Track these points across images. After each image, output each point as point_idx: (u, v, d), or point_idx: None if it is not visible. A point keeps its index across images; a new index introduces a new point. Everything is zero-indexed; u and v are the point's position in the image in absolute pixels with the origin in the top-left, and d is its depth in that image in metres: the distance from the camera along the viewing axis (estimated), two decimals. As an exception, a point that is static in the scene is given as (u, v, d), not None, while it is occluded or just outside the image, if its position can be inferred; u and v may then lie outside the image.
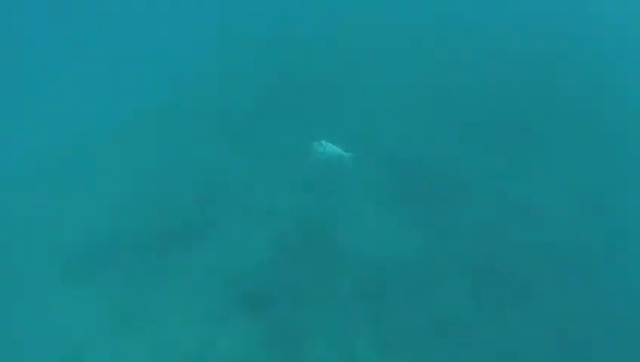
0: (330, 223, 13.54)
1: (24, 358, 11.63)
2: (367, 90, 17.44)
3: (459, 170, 14.83)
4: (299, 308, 11.79)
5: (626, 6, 20.96)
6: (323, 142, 14.99)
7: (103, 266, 13.03)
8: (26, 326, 12.20)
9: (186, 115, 17.36)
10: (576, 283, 12.28)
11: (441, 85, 17.37)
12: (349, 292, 12.12)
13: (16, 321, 12.29)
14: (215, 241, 13.29)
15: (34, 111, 18.29)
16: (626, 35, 19.46)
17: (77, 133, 17.16)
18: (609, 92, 17.52)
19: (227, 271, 12.64)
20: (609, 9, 21.12)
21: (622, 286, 12.27)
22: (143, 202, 14.48)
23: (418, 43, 18.99)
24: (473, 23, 19.87)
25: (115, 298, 12.36)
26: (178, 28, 21.10)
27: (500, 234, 13.22)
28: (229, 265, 12.75)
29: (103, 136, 16.97)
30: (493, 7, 20.99)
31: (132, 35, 20.95)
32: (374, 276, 12.37)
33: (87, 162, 16.12)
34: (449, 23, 20.09)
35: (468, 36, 19.09)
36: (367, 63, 18.51)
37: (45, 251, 13.45)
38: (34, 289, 12.79)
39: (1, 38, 20.65)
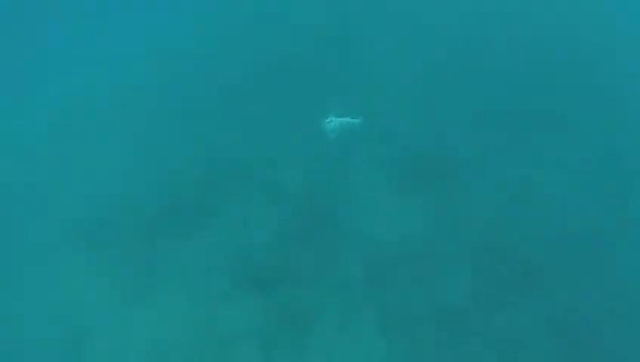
0: (338, 203, 13.53)
1: (35, 326, 11.94)
2: (379, 70, 16.97)
3: (469, 153, 14.70)
4: (304, 288, 11.94)
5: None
6: (332, 118, 14.97)
7: (112, 241, 13.17)
8: (37, 294, 12.48)
9: (193, 92, 17.07)
10: (583, 272, 12.28)
11: (453, 68, 16.98)
12: (355, 274, 12.23)
13: (28, 289, 12.59)
14: (222, 219, 13.33)
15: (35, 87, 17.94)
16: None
17: (85, 109, 16.93)
18: (623, 77, 17.13)
19: (234, 249, 12.72)
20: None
21: (632, 276, 12.23)
22: (152, 179, 14.46)
23: (430, 28, 18.62)
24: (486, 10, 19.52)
25: (123, 272, 12.55)
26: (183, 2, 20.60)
27: (508, 220, 13.19)
28: (235, 243, 12.84)
29: (113, 110, 16.78)
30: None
31: (139, 9, 20.41)
32: (380, 258, 12.42)
33: (99, 136, 16.00)
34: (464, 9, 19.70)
35: (480, 22, 18.74)
36: (379, 46, 17.92)
37: (57, 226, 13.62)
38: (46, 261, 12.99)
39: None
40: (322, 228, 13.01)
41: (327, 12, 19.40)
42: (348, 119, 14.96)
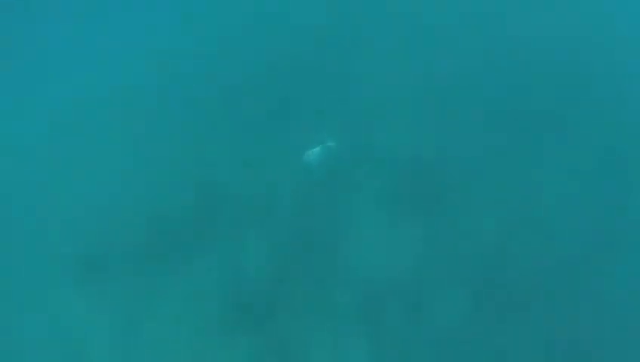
0: (330, 232, 13.33)
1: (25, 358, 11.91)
2: (370, 93, 16.65)
3: (466, 174, 14.42)
4: (295, 321, 11.74)
5: None
6: (323, 145, 14.72)
7: (103, 274, 13.06)
8: (28, 326, 12.39)
9: (185, 116, 16.87)
10: (579, 297, 12.04)
11: (441, 88, 16.67)
12: (348, 304, 12.02)
13: (17, 321, 12.49)
14: (213, 250, 13.16)
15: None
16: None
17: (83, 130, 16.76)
18: (619, 95, 16.93)
19: (225, 281, 12.57)
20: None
21: (625, 300, 11.98)
22: (142, 208, 14.27)
23: (418, 45, 18.32)
24: (479, 25, 19.13)
25: (114, 306, 12.43)
26: (172, 22, 20.21)
27: (501, 245, 12.94)
28: (226, 275, 12.68)
29: (108, 135, 16.53)
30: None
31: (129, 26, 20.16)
32: (373, 288, 12.20)
33: (90, 164, 15.76)
34: (452, 22, 19.27)
35: (469, 39, 18.40)
36: (370, 63, 17.72)
37: (42, 261, 13.53)
38: (37, 294, 12.91)
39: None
40: (315, 259, 12.77)
41: (325, 18, 19.10)
42: (337, 142, 14.74)
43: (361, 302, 12.00)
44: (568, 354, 11.19)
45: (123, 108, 17.15)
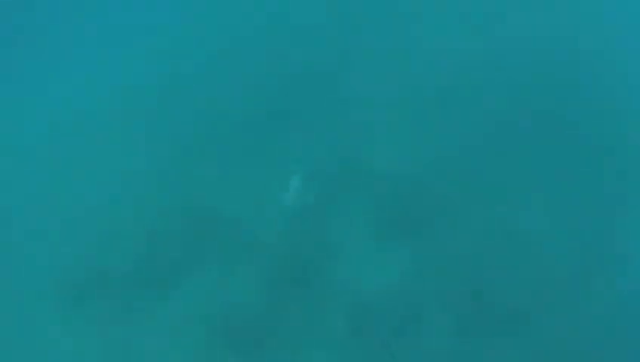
0: (318, 257, 13.30)
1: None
2: (358, 113, 16.58)
3: (446, 192, 14.40)
4: (285, 346, 11.74)
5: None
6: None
7: (90, 302, 12.91)
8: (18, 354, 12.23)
9: (172, 140, 16.53)
10: (565, 316, 12.11)
11: (429, 105, 16.63)
12: (338, 331, 12.04)
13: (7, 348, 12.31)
14: (201, 276, 13.08)
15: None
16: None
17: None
18: (613, 114, 16.39)
19: (211, 309, 12.48)
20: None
21: (610, 318, 12.09)
22: (129, 233, 14.09)
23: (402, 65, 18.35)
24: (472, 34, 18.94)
25: (102, 334, 12.30)
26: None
27: (487, 263, 13.02)
28: (213, 302, 12.59)
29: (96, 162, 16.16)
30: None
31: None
32: (361, 312, 12.25)
33: (79, 189, 15.51)
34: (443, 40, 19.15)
35: (476, 51, 18.17)
36: (358, 83, 17.44)
37: (37, 289, 13.32)
38: (25, 321, 12.76)
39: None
40: (303, 284, 12.73)
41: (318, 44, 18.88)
42: (325, 162, 14.75)
43: (350, 325, 12.03)
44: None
45: (110, 133, 16.84)
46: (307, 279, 12.85)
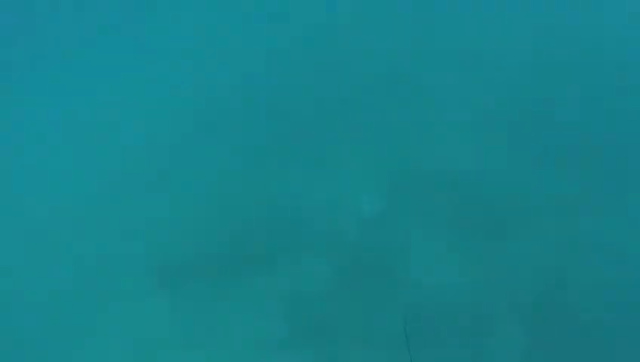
0: (388, 257, 13.84)
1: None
2: (428, 113, 17.00)
3: (523, 197, 14.33)
4: (351, 342, 12.34)
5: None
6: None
7: (175, 284, 14.26)
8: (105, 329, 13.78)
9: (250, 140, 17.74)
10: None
11: (504, 100, 16.57)
12: (401, 329, 12.19)
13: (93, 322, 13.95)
14: (280, 268, 14.01)
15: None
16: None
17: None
18: None
19: (289, 297, 13.42)
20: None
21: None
22: (214, 224, 15.40)
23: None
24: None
25: (185, 314, 13.62)
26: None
27: (565, 274, 12.76)
28: (290, 291, 13.51)
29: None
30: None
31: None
32: (427, 313, 12.53)
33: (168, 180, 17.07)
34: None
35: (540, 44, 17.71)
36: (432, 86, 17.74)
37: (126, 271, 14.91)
38: (117, 296, 14.31)
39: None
40: (372, 282, 13.33)
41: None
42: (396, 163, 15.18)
43: (417, 325, 12.26)
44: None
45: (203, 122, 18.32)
46: (376, 276, 13.39)
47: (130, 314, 13.85)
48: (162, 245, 15.17)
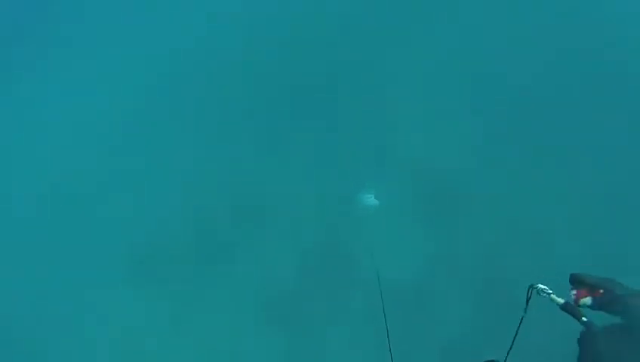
0: (350, 243, 14.53)
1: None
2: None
3: (469, 183, 14.63)
4: (317, 318, 13.43)
5: None
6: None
7: (142, 274, 14.83)
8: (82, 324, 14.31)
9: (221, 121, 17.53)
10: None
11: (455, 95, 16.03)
12: (363, 303, 13.39)
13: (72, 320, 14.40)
14: (246, 256, 14.70)
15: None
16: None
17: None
18: None
19: (256, 285, 14.17)
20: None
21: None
22: (178, 212, 15.85)
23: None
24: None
25: (153, 303, 14.31)
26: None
27: (502, 248, 13.42)
28: (257, 280, 14.24)
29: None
30: None
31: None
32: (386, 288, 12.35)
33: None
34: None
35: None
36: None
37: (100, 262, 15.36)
38: (91, 293, 14.75)
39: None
40: (335, 268, 14.06)
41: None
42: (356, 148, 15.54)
43: (373, 309, 12.17)
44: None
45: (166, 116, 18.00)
46: (338, 257, 14.13)
47: (103, 303, 14.48)
48: (133, 234, 15.59)
